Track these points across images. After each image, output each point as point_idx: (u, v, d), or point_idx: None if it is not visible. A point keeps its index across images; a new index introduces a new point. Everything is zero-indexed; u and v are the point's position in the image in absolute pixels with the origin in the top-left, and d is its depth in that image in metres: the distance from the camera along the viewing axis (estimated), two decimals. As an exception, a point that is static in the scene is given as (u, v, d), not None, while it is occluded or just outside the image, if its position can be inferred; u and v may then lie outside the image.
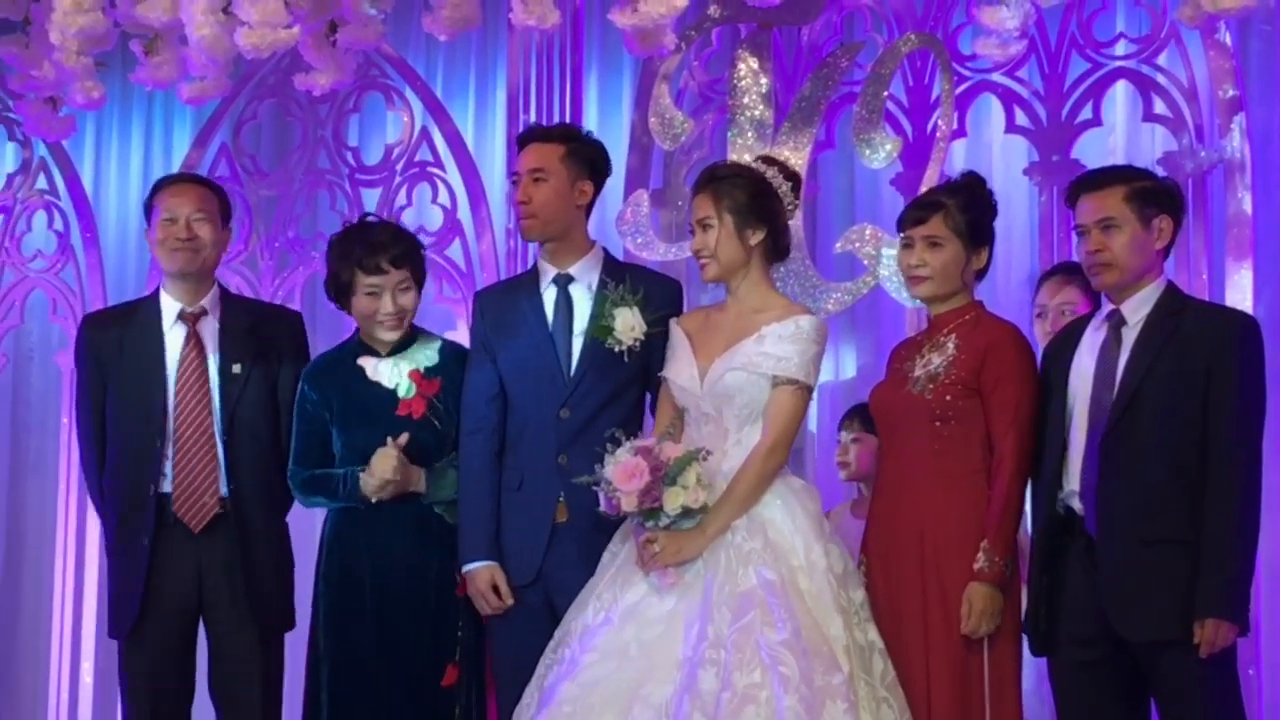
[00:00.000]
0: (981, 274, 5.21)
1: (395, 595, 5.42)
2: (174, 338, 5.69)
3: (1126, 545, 4.85)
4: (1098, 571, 4.90)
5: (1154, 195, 5.01)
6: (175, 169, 7.94)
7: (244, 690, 5.65)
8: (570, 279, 5.43)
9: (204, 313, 5.71)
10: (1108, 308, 5.03)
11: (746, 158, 6.35)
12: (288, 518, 5.79)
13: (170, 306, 5.72)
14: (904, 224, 5.20)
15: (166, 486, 5.59)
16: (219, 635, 5.66)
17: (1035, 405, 5.06)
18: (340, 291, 5.57)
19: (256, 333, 5.74)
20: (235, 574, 5.61)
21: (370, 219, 5.90)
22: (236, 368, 5.67)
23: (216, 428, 5.63)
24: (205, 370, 5.66)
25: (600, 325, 5.31)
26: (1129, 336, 4.97)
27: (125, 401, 5.68)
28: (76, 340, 5.88)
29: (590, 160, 5.48)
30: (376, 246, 5.53)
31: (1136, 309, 4.98)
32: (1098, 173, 5.19)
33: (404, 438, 5.38)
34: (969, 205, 5.14)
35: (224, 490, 5.62)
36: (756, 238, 5.16)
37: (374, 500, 5.39)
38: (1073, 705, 5.03)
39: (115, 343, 5.73)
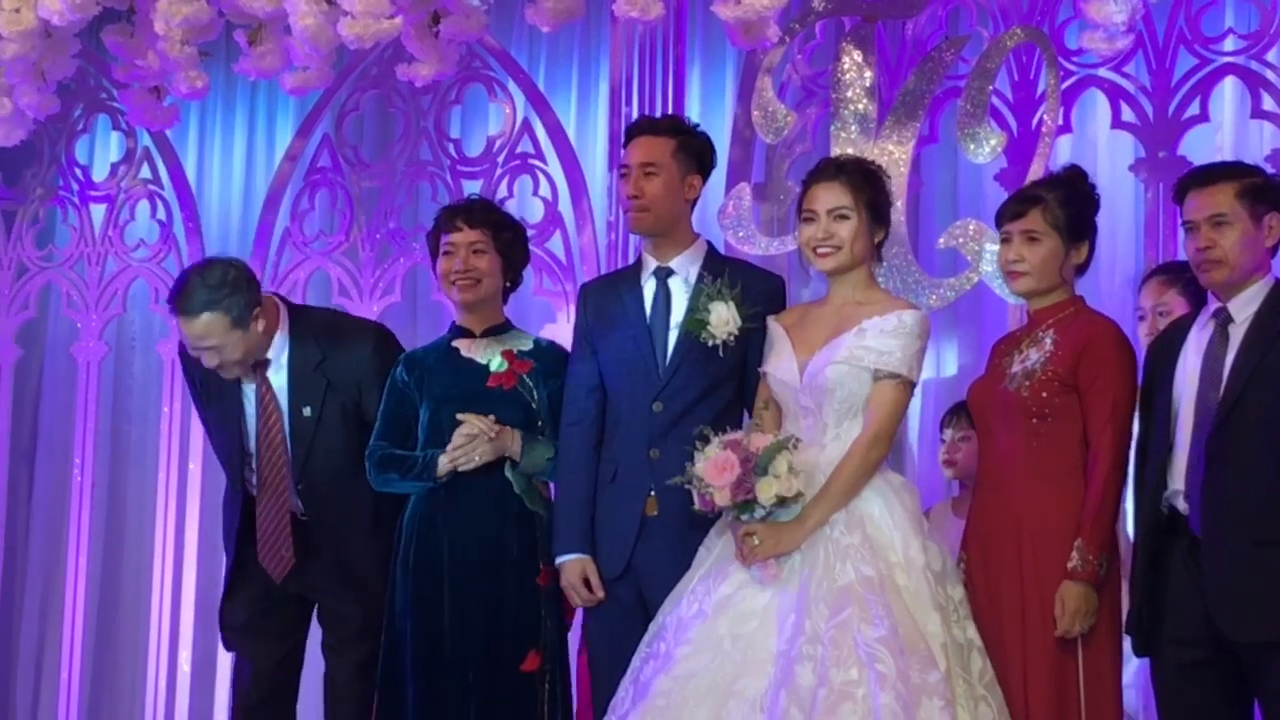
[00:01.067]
0: (1082, 269, 5.16)
1: (473, 577, 5.46)
2: (250, 388, 5.78)
3: (1234, 545, 4.79)
4: (1202, 572, 4.84)
5: (1265, 192, 4.94)
6: (278, 159, 8.01)
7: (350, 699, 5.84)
8: (670, 272, 5.42)
9: (268, 363, 5.75)
10: (1214, 305, 4.97)
11: (850, 151, 6.35)
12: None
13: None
14: (1002, 219, 5.16)
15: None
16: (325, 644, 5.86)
17: (1133, 402, 5.01)
18: (435, 259, 5.66)
19: (325, 369, 5.77)
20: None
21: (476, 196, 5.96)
22: (307, 411, 5.74)
23: (295, 474, 5.77)
24: (281, 420, 5.75)
25: (694, 319, 5.29)
26: (1236, 334, 4.90)
27: (217, 436, 5.93)
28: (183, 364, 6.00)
29: (699, 154, 5.48)
30: (458, 209, 5.65)
31: (1244, 306, 4.91)
32: (1208, 168, 5.13)
33: (493, 418, 5.43)
34: (1068, 200, 5.09)
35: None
36: (879, 236, 5.18)
37: (457, 470, 5.43)
38: (1175, 707, 4.97)
39: (202, 382, 5.86)
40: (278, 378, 5.72)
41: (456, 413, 5.49)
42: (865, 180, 5.16)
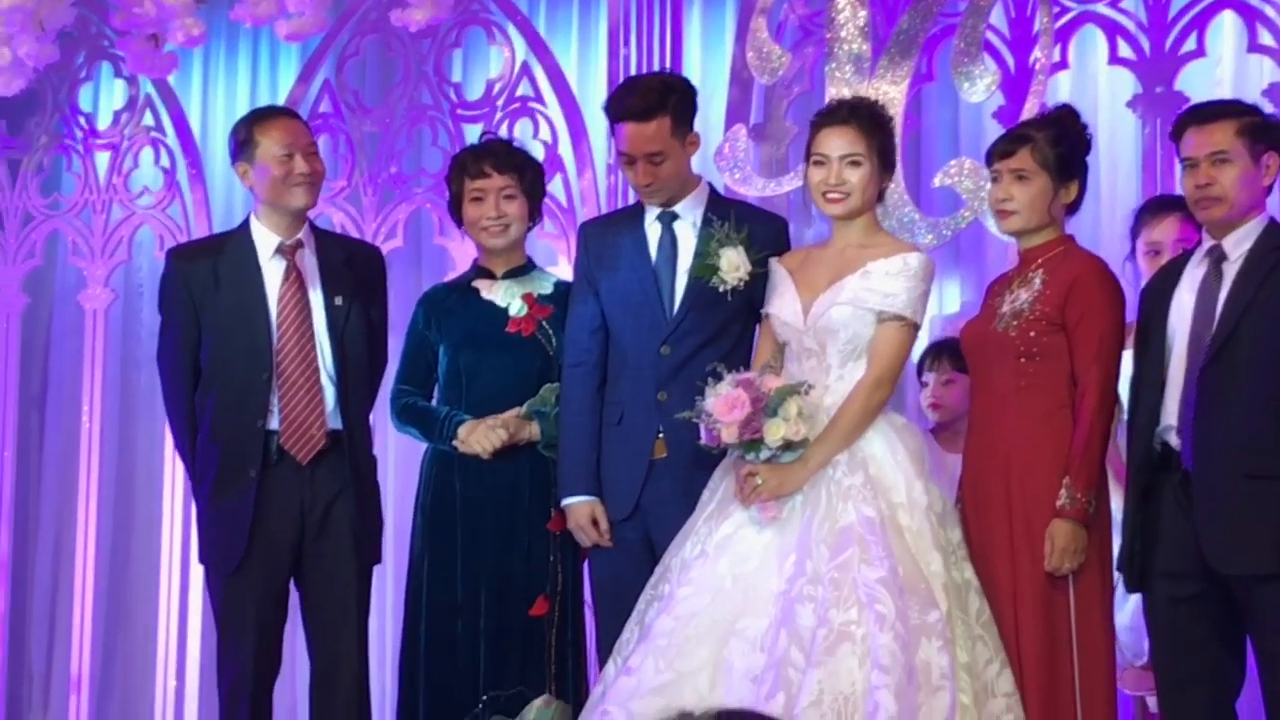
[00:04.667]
0: (1072, 208, 5.17)
1: (486, 523, 5.50)
2: (272, 271, 5.61)
3: (1225, 479, 4.82)
4: (1193, 506, 4.86)
5: (1264, 131, 4.95)
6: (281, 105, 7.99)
7: (342, 620, 5.61)
8: (675, 216, 5.43)
9: (300, 245, 5.64)
10: (1208, 243, 4.98)
11: (845, 91, 6.34)
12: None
13: (266, 239, 5.63)
14: (992, 158, 5.18)
15: (274, 423, 5.55)
16: (317, 568, 5.62)
17: (1120, 340, 5.04)
18: (455, 205, 5.65)
19: (352, 266, 5.70)
20: (340, 508, 5.58)
21: (490, 135, 5.94)
22: (338, 300, 5.61)
23: (323, 361, 5.57)
24: (307, 304, 5.59)
25: (705, 264, 5.30)
26: (1230, 271, 4.92)
27: (226, 337, 5.59)
28: (164, 274, 5.77)
29: (690, 111, 5.46)
30: (482, 153, 5.65)
31: (1238, 244, 4.93)
32: (1208, 105, 5.15)
33: (514, 425, 5.46)
34: (1058, 138, 5.10)
35: (335, 424, 5.57)
36: (886, 181, 5.22)
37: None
38: (1167, 640, 5.00)
39: (208, 274, 5.62)
40: (308, 261, 5.65)
41: (474, 358, 5.55)
42: (876, 125, 5.17)
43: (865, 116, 5.17)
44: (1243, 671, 4.99)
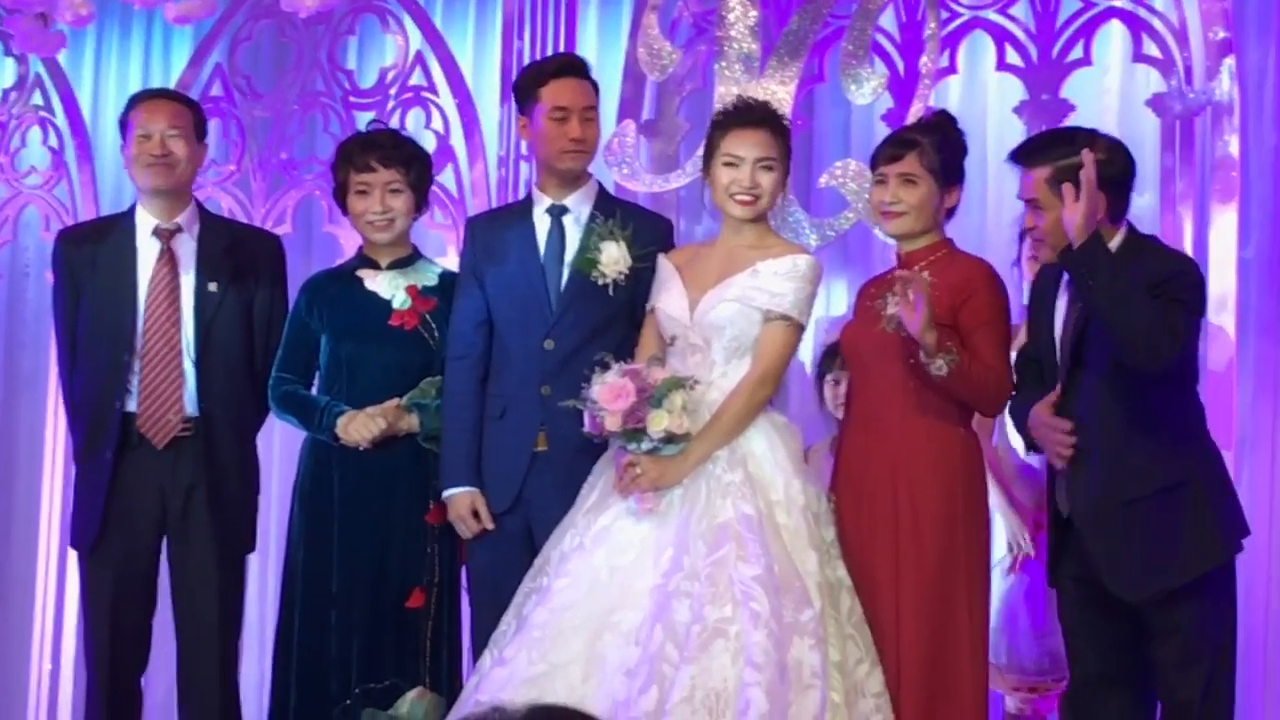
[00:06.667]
0: (951, 213, 5.21)
1: (363, 514, 5.48)
2: (148, 254, 5.66)
3: (1102, 509, 4.86)
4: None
5: (1073, 171, 4.77)
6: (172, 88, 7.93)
7: (203, 611, 5.66)
8: (564, 210, 5.44)
9: (179, 229, 5.68)
10: None
11: (734, 90, 6.36)
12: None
13: (145, 222, 5.69)
14: (878, 160, 5.20)
15: (132, 404, 5.59)
16: (180, 555, 5.67)
17: (1009, 342, 5.11)
18: (340, 193, 5.63)
19: (234, 253, 5.72)
20: (199, 495, 5.62)
21: (377, 124, 5.92)
22: (212, 286, 5.64)
23: (186, 345, 5.61)
24: (177, 287, 5.63)
25: (585, 258, 5.31)
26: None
27: (96, 317, 5.65)
28: (53, 255, 5.85)
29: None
30: (369, 146, 5.61)
31: None
32: (1026, 148, 5.13)
33: (393, 415, 5.45)
34: (942, 144, 5.14)
35: (192, 410, 5.61)
36: (787, 183, 5.26)
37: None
38: (1077, 634, 5.03)
39: (89, 257, 5.70)
40: (185, 246, 5.68)
41: (355, 350, 5.52)
42: (783, 130, 5.22)
43: (774, 120, 5.21)
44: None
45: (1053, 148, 5.01)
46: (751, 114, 5.21)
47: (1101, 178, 4.73)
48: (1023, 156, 5.04)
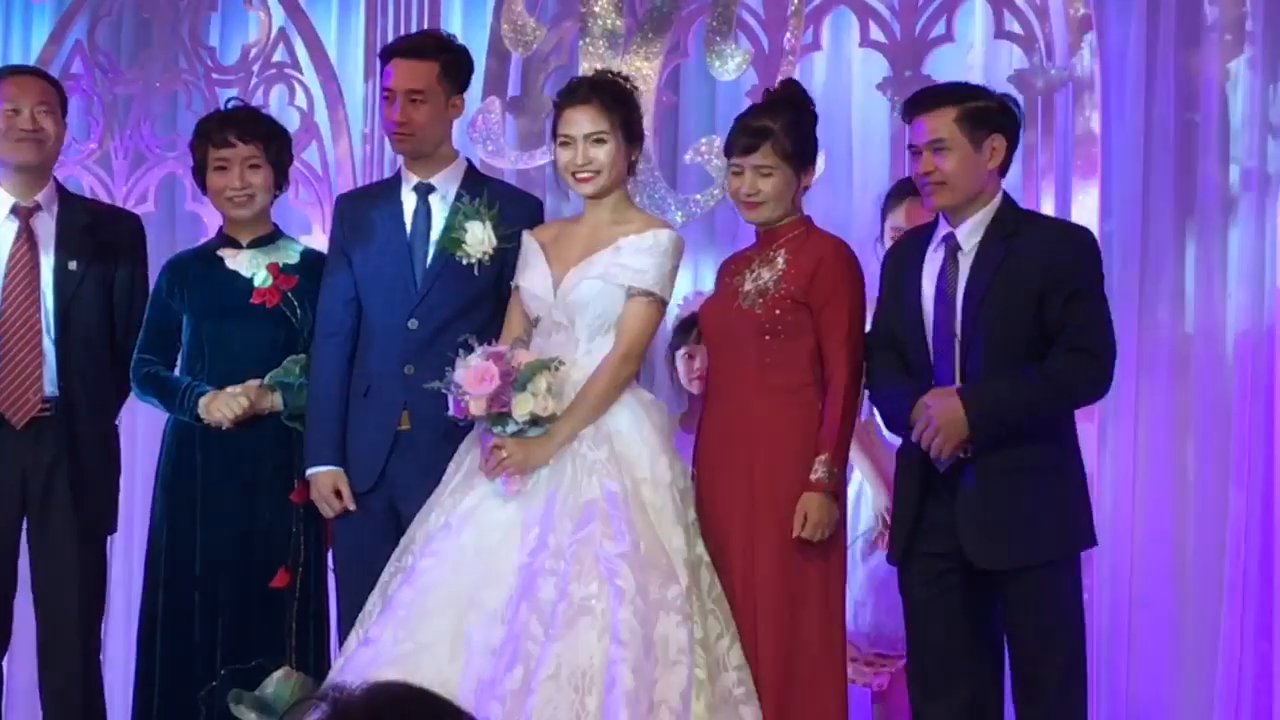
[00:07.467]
0: (808, 187, 5.23)
1: (226, 494, 5.45)
2: (6, 232, 5.59)
3: (980, 476, 4.91)
4: (955, 501, 4.95)
5: (985, 115, 4.97)
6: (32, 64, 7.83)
7: (63, 592, 5.61)
8: (431, 189, 5.41)
9: (38, 208, 5.62)
10: (944, 229, 5.02)
11: (599, 66, 6.32)
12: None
13: (4, 201, 5.61)
14: (732, 151, 5.17)
15: None
16: (40, 537, 5.61)
17: (864, 318, 5.12)
18: (199, 172, 5.59)
19: (94, 232, 5.66)
20: (59, 475, 5.56)
21: (237, 102, 5.88)
22: (73, 265, 5.58)
23: (45, 325, 5.55)
24: (36, 266, 5.57)
25: (450, 237, 5.29)
26: (965, 262, 4.96)
27: None
28: None
29: (462, 73, 5.48)
30: (227, 122, 5.58)
31: (970, 235, 4.97)
32: (929, 91, 5.19)
33: (255, 394, 5.41)
34: (794, 125, 5.12)
35: (51, 390, 5.55)
36: (635, 154, 5.22)
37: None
38: (921, 612, 5.06)
39: None
40: (44, 225, 5.62)
41: (217, 329, 5.49)
42: (618, 100, 5.16)
43: (606, 92, 5.17)
44: (1002, 661, 5.07)
45: (956, 89, 5.12)
46: (578, 91, 5.20)
47: (997, 122, 4.94)
48: (926, 100, 5.05)
